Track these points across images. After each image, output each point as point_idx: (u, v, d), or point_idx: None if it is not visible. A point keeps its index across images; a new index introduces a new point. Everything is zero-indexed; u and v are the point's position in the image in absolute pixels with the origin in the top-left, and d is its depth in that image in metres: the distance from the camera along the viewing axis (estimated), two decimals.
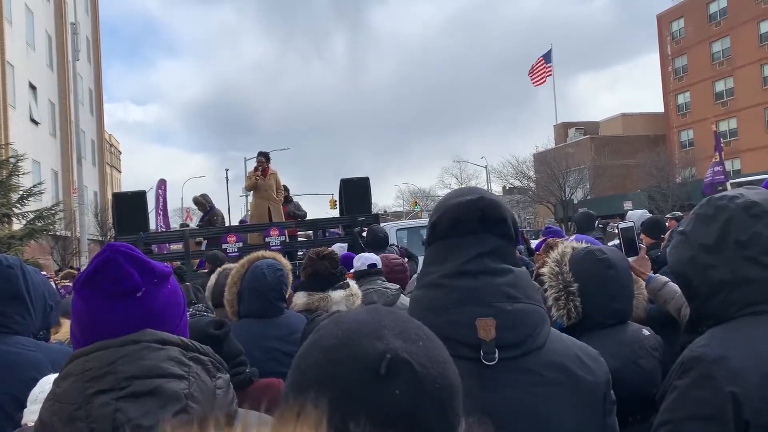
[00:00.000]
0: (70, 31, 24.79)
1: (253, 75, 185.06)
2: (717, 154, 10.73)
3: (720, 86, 48.81)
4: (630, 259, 2.85)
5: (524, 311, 1.39)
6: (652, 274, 2.96)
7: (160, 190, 15.67)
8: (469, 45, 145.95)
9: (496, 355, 1.32)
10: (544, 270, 2.43)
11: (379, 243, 6.84)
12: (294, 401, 0.75)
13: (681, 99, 52.67)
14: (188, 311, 2.98)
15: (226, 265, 4.23)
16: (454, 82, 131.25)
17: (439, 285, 1.41)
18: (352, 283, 3.52)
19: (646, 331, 2.37)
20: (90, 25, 46.17)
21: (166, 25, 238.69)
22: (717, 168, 10.73)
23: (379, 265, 4.28)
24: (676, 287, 2.66)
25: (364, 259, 4.27)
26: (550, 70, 52.20)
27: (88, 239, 24.78)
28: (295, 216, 10.60)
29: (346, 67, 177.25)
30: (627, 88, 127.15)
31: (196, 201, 11.64)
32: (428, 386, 0.79)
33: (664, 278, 2.92)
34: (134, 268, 1.23)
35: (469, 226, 1.44)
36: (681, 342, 1.70)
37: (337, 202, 11.56)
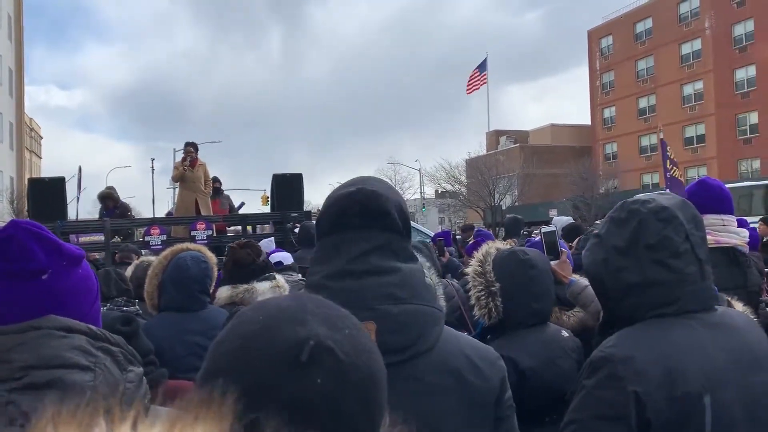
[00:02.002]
0: None
1: (185, 64, 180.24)
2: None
3: (643, 102, 51.06)
4: (552, 263, 2.92)
5: (411, 312, 1.32)
6: (573, 278, 3.04)
7: (80, 178, 14.70)
8: (406, 49, 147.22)
9: None
10: (468, 270, 2.45)
11: (310, 240, 6.78)
12: (205, 391, 0.72)
13: (607, 113, 54.78)
14: (107, 305, 2.86)
15: (144, 258, 4.09)
16: (389, 84, 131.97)
17: (322, 286, 1.31)
18: (279, 276, 3.46)
19: (564, 333, 2.43)
20: (12, 1, 43.76)
21: (94, 7, 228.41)
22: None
23: (287, 263, 4.37)
24: None
25: (272, 258, 4.33)
26: (485, 79, 53.27)
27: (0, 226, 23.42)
28: (232, 210, 10.36)
29: (280, 62, 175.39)
30: (556, 99, 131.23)
31: (107, 195, 10.50)
32: (351, 375, 0.76)
33: (585, 282, 3.00)
34: (40, 247, 1.13)
35: (351, 221, 1.36)
36: (593, 343, 1.75)
37: (269, 198, 11.35)
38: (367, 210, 1.36)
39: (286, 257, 4.65)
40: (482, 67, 53.29)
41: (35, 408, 0.97)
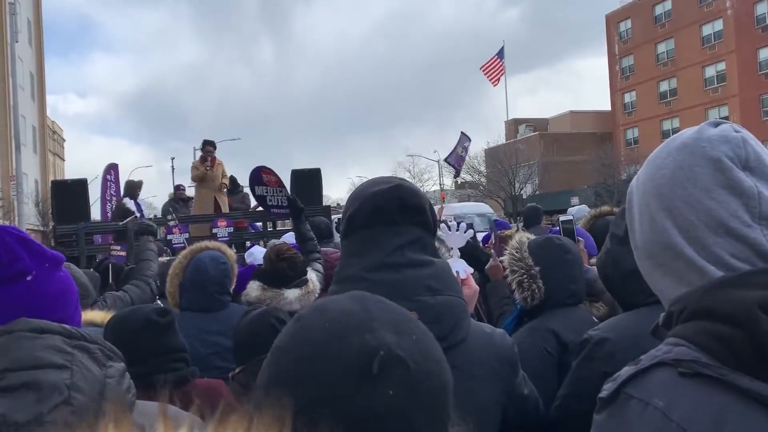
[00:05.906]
0: (8, 11, 23.70)
1: (197, 64, 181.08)
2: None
3: (664, 86, 50.32)
4: None
5: (447, 304, 1.38)
6: (588, 267, 3.08)
7: (108, 176, 14.28)
8: (419, 41, 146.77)
9: None
10: (504, 257, 2.57)
11: (320, 235, 6.78)
12: (269, 398, 0.69)
13: (627, 98, 54.09)
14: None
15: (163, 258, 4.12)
16: (408, 78, 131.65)
17: (361, 279, 1.37)
18: (314, 278, 3.32)
19: (594, 318, 2.58)
20: (31, 6, 44.33)
21: (101, 22, 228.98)
22: None
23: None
24: None
25: (253, 258, 4.42)
26: (503, 67, 52.84)
27: (27, 229, 23.86)
28: (238, 209, 10.39)
29: (294, 62, 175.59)
30: (574, 85, 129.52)
31: (137, 185, 11.21)
32: (422, 385, 0.74)
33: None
34: (24, 250, 1.16)
35: (389, 216, 1.41)
36: None
37: None
38: (406, 206, 1.42)
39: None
40: (500, 54, 52.84)
41: (12, 410, 0.99)
